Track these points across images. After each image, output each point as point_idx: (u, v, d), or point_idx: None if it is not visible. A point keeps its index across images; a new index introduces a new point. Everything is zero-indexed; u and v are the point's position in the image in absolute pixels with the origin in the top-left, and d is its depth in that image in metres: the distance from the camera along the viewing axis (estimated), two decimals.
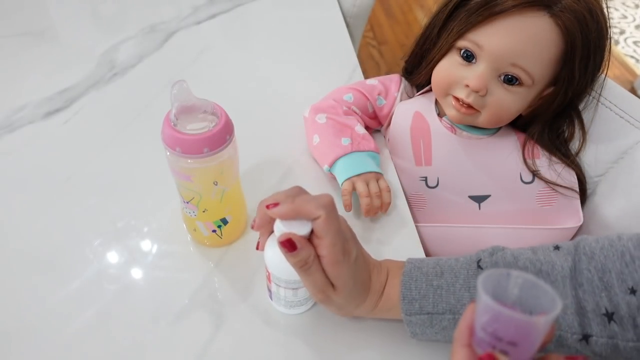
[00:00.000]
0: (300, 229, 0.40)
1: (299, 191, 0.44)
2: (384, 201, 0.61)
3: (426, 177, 0.68)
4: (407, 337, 0.48)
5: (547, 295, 0.30)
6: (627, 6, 2.56)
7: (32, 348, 0.48)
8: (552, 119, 0.66)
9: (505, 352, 0.30)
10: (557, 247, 0.46)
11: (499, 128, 0.69)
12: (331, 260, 0.41)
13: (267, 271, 0.48)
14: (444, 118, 0.69)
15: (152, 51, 0.88)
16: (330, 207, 0.41)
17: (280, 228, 0.41)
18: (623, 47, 2.29)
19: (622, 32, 2.38)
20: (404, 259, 0.49)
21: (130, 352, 0.49)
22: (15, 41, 0.89)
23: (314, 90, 0.74)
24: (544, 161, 0.67)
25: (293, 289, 0.47)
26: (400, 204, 0.65)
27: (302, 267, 0.41)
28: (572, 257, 0.44)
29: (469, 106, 0.62)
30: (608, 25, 0.59)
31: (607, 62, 0.61)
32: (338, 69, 0.87)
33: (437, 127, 0.68)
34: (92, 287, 0.53)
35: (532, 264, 0.45)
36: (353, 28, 1.09)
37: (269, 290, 0.51)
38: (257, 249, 0.47)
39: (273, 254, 0.45)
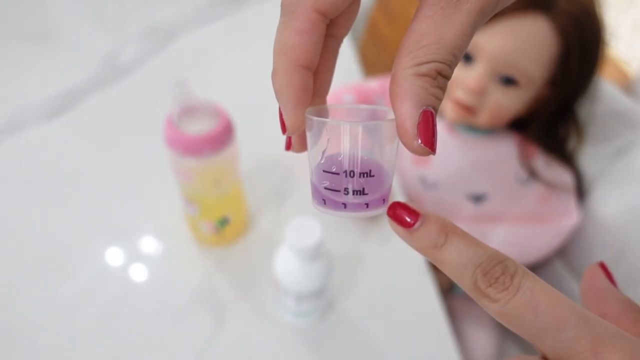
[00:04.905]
0: (309, 239, 0.41)
1: None
2: None
3: (424, 177, 0.69)
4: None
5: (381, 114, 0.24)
6: (622, 10, 2.57)
7: (34, 347, 0.49)
8: (548, 119, 0.67)
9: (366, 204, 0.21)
10: None
11: (497, 128, 0.69)
12: None
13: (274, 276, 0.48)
14: (441, 118, 0.69)
15: (154, 52, 0.89)
16: None
17: (290, 235, 0.41)
18: (617, 50, 2.29)
19: (616, 35, 2.38)
20: (404, 258, 0.50)
21: (131, 350, 0.49)
22: (19, 43, 0.89)
23: None
24: (540, 161, 0.68)
25: (296, 298, 0.47)
26: None
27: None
28: None
29: (467, 107, 0.63)
30: (603, 27, 0.60)
31: (602, 64, 0.62)
32: (338, 69, 0.87)
33: None
34: (94, 286, 0.54)
35: None
36: (353, 28, 1.09)
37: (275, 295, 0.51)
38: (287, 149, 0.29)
39: (281, 259, 0.46)
